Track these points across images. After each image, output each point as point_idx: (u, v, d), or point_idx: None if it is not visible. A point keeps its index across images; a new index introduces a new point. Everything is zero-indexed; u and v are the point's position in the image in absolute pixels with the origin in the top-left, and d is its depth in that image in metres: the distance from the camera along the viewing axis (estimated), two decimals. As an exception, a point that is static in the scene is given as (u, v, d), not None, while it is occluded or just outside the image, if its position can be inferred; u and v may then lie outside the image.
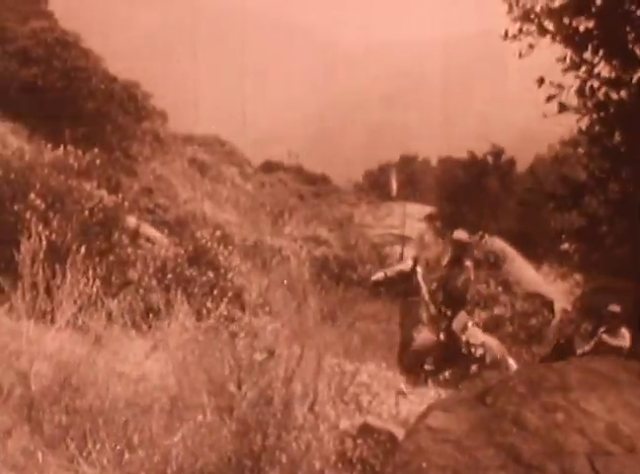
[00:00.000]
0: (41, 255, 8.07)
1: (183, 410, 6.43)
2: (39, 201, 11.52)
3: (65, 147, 14.68)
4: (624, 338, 13.59)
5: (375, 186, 49.27)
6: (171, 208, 23.37)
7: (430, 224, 38.41)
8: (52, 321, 7.50)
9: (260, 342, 7.50)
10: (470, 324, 13.67)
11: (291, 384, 6.42)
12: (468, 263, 13.73)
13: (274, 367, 6.63)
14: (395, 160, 55.88)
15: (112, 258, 11.90)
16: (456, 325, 13.21)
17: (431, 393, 11.31)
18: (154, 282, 11.72)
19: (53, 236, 10.37)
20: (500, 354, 13.33)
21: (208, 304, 8.73)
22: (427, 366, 12.89)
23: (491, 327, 18.33)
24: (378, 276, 13.70)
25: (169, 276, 13.69)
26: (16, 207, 11.36)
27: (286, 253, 22.29)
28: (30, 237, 8.30)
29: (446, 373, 12.71)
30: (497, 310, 20.29)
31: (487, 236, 27.11)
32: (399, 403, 9.03)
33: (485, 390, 6.07)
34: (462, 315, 13.45)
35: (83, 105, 26.96)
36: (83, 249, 10.24)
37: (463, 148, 42.68)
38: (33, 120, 24.35)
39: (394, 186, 18.16)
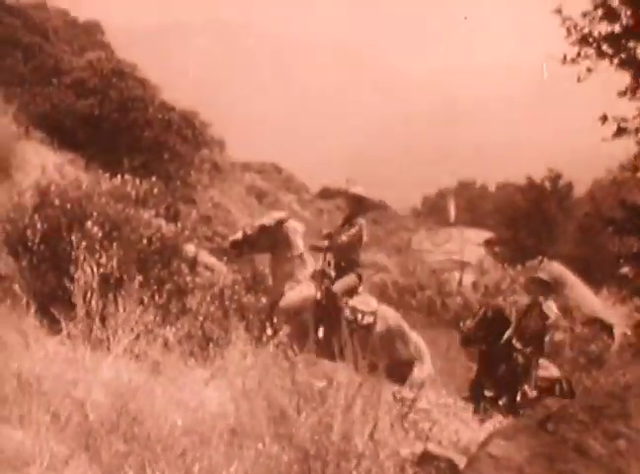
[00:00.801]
0: (97, 283, 8.27)
1: (242, 438, 6.51)
2: (95, 230, 11.72)
3: (123, 176, 14.92)
4: None
5: (434, 211, 49.46)
6: (229, 236, 23.59)
7: (489, 249, 38.42)
8: (109, 349, 7.66)
9: (319, 369, 7.58)
10: (362, 289, 13.09)
11: (351, 411, 6.47)
12: (362, 220, 13.20)
13: (333, 394, 6.69)
14: (453, 185, 55.99)
15: (170, 286, 12.05)
16: (338, 286, 12.60)
17: (492, 420, 11.27)
18: (212, 310, 11.88)
19: (110, 265, 10.57)
20: (395, 325, 12.77)
21: (268, 331, 8.82)
22: (486, 392, 12.71)
23: (551, 353, 18.02)
24: (236, 235, 13.14)
25: (227, 303, 13.88)
26: (73, 237, 11.52)
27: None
28: (85, 266, 8.52)
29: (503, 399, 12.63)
30: (556, 335, 20.08)
31: (546, 261, 26.87)
32: (459, 430, 9.02)
33: (546, 417, 6.05)
34: (350, 278, 12.85)
35: (140, 134, 27.50)
36: (140, 277, 10.50)
37: (522, 173, 42.74)
38: (90, 150, 24.89)
39: (453, 211, 18.00)
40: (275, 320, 10.38)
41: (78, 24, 47.40)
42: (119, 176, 14.97)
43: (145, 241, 12.58)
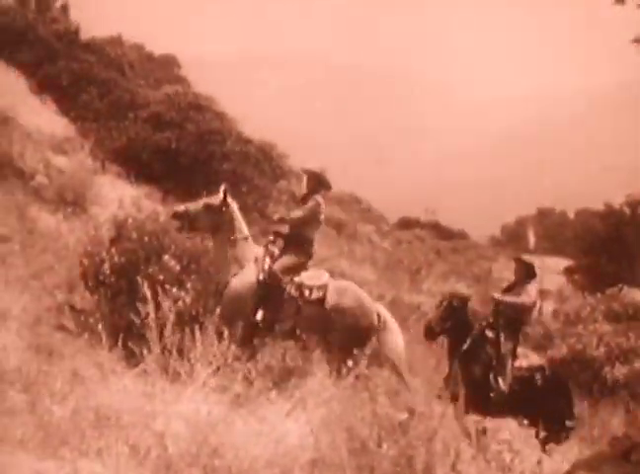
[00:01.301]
0: (174, 317, 8.40)
1: (323, 469, 6.54)
2: (173, 263, 11.84)
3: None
4: None
5: (513, 239, 49.17)
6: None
7: (568, 277, 38.04)
8: (188, 382, 7.74)
9: (400, 400, 7.56)
10: (312, 267, 12.53)
11: (433, 443, 6.45)
12: (318, 197, 12.62)
13: (414, 426, 6.67)
14: (532, 213, 55.62)
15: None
16: (280, 264, 12.18)
17: (574, 450, 11.06)
18: (292, 342, 11.87)
19: (187, 298, 10.69)
20: (351, 295, 12.16)
21: (349, 363, 8.82)
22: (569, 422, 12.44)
23: (633, 382, 17.61)
24: (179, 207, 12.74)
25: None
26: (150, 270, 11.71)
27: (425, 309, 22.19)
28: (162, 299, 8.65)
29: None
30: (637, 364, 19.60)
31: (626, 288, 26.35)
32: (542, 461, 8.88)
33: (629, 447, 5.97)
34: (294, 256, 12.40)
35: (218, 167, 27.82)
36: (218, 310, 10.60)
37: (600, 200, 42.41)
38: (166, 183, 25.26)
39: (532, 239, 17.64)
40: (354, 351, 10.26)
41: (154, 58, 48.27)
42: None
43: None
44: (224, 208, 12.47)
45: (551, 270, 36.93)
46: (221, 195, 12.54)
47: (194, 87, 40.17)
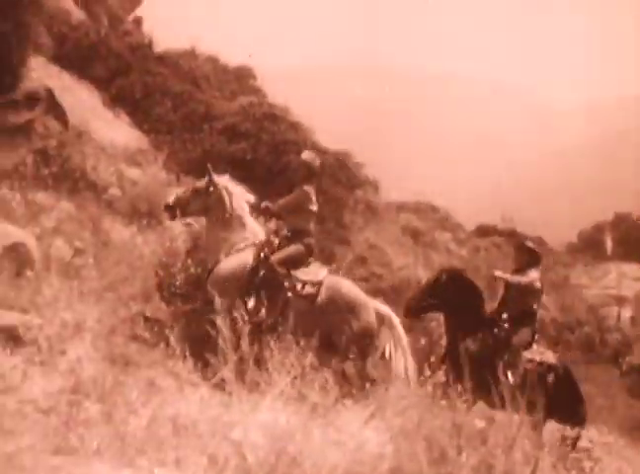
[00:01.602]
0: (248, 327, 8.46)
1: (402, 478, 6.50)
2: (248, 273, 11.90)
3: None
4: None
5: (590, 246, 48.61)
6: (385, 276, 23.72)
7: (646, 283, 37.74)
8: (265, 392, 7.76)
9: (479, 408, 7.50)
10: (314, 264, 12.49)
11: (512, 451, 6.38)
12: (307, 187, 12.68)
13: (494, 434, 6.61)
14: (609, 219, 55.00)
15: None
16: (277, 256, 12.14)
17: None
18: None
19: (263, 309, 10.75)
20: (346, 295, 12.02)
21: (427, 371, 8.79)
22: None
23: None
24: (169, 198, 12.76)
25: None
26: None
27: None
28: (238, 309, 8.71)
29: None
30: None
31: None
32: (622, 468, 8.76)
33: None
34: (293, 248, 12.37)
35: (293, 177, 27.88)
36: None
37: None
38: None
39: (609, 245, 17.32)
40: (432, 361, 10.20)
41: (229, 69, 48.56)
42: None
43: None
44: (211, 189, 12.54)
45: (629, 276, 36.55)
46: (207, 177, 12.66)
47: (269, 98, 40.42)
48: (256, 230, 12.66)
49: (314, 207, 12.69)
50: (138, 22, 49.99)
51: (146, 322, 11.61)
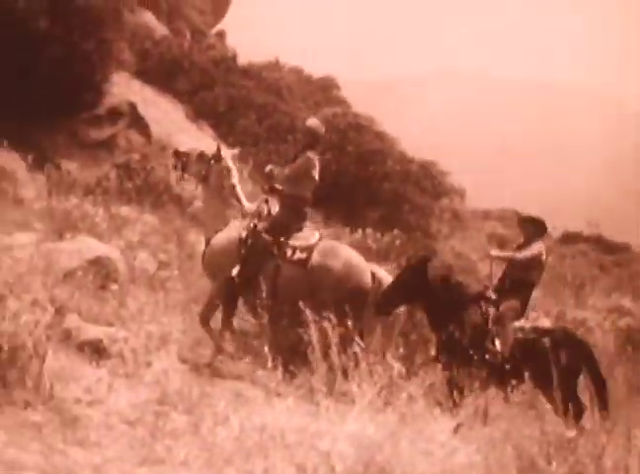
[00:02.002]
0: (337, 337, 8.48)
1: (492, 488, 6.47)
2: (335, 284, 11.91)
3: (364, 230, 15.20)
4: None
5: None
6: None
7: None
8: (353, 402, 7.78)
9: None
10: (307, 229, 12.15)
11: (602, 460, 6.30)
12: (310, 153, 12.19)
13: (583, 443, 6.53)
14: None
15: (414, 336, 12.12)
16: (270, 223, 11.89)
17: None
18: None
19: (348, 320, 10.75)
20: (342, 257, 11.73)
21: (512, 381, 8.72)
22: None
23: None
24: (183, 148, 12.85)
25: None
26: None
27: (590, 324, 21.77)
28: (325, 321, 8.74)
29: None
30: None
31: None
32: None
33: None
34: (279, 214, 12.06)
35: (379, 186, 28.00)
36: (379, 329, 10.62)
37: None
38: (328, 205, 25.49)
39: None
40: None
41: (313, 80, 48.86)
42: (359, 230, 15.24)
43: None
44: (213, 161, 12.39)
45: None
46: (215, 148, 12.54)
47: (353, 108, 40.51)
48: (249, 204, 12.41)
49: (316, 175, 12.30)
50: (221, 35, 50.56)
51: (232, 334, 11.67)
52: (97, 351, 8.81)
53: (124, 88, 25.88)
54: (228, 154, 12.69)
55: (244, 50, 41.73)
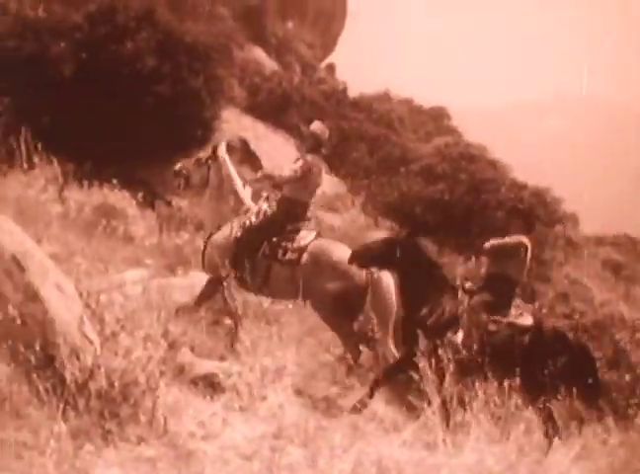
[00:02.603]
0: (453, 369, 8.44)
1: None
2: (448, 313, 11.86)
3: (478, 258, 15.12)
4: None
5: None
6: (587, 313, 23.24)
7: None
8: (470, 433, 7.70)
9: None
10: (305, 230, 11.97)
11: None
12: (309, 157, 12.08)
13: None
14: None
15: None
16: (265, 222, 11.92)
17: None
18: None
19: (463, 350, 10.65)
20: (334, 260, 11.48)
21: (629, 411, 8.54)
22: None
23: None
24: (176, 166, 12.41)
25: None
26: (428, 321, 11.77)
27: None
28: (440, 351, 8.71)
29: None
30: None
31: None
32: None
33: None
34: (271, 214, 12.07)
35: (492, 215, 27.74)
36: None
37: None
38: (441, 235, 25.40)
39: None
40: None
41: (423, 110, 48.82)
42: (473, 258, 15.18)
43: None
44: (211, 162, 12.39)
45: None
46: (210, 149, 12.57)
47: (465, 137, 40.37)
48: (249, 202, 12.42)
49: (319, 179, 12.40)
50: (331, 68, 50.96)
51: (347, 366, 11.65)
52: (211, 385, 8.86)
53: (235, 124, 26.22)
54: (222, 148, 12.65)
55: (354, 82, 42.00)
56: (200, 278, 12.48)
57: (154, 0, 23.34)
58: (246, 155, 12.98)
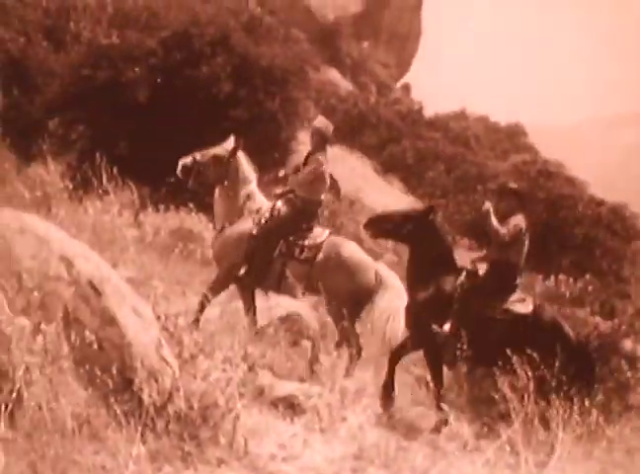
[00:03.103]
0: (533, 386, 8.38)
1: None
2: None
3: (557, 276, 15.04)
4: None
5: None
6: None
7: None
8: (551, 452, 7.63)
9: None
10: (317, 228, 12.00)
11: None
12: (321, 156, 12.00)
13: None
14: None
15: (611, 384, 11.79)
16: (280, 221, 11.85)
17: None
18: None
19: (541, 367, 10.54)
20: (345, 254, 11.59)
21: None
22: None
23: None
24: (186, 160, 12.15)
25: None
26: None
27: None
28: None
29: None
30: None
31: None
32: None
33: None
34: (285, 212, 11.98)
35: (570, 232, 27.51)
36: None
37: None
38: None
39: None
40: None
41: (500, 128, 48.61)
42: (551, 276, 15.08)
43: (583, 339, 12.47)
44: (231, 159, 12.27)
45: None
46: (231, 144, 12.38)
47: (542, 154, 40.10)
48: (262, 199, 12.36)
49: (327, 176, 12.30)
50: (407, 88, 51.02)
51: (426, 386, 11.59)
52: (291, 406, 8.85)
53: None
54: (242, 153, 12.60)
55: (429, 101, 41.96)
56: (277, 301, 12.51)
57: (229, 25, 23.48)
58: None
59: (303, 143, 24.90)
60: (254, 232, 11.93)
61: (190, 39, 22.08)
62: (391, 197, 28.13)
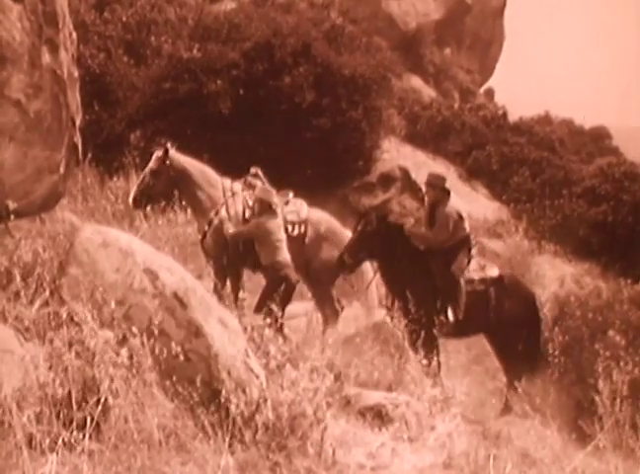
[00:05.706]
0: (626, 391, 8.27)
1: None
2: (618, 338, 11.65)
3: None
4: None
5: None
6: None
7: None
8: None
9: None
10: (291, 197, 12.20)
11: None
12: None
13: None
14: None
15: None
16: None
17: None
18: None
19: (636, 371, 10.42)
20: (326, 228, 12.00)
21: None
22: None
23: None
24: (133, 192, 12.34)
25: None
26: (596, 346, 11.63)
27: None
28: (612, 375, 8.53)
29: None
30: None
31: None
32: None
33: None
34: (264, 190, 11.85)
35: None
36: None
37: None
38: (604, 258, 24.89)
39: None
40: None
41: (584, 131, 47.97)
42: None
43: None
44: (167, 162, 12.07)
45: None
46: (158, 153, 12.20)
47: (627, 157, 39.50)
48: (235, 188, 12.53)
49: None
50: (490, 93, 50.63)
51: (515, 393, 11.50)
52: (379, 415, 8.81)
53: (395, 153, 26.23)
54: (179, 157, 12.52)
55: (513, 106, 41.55)
56: (362, 311, 12.54)
57: (311, 35, 23.58)
58: (407, 185, 13.14)
59: (387, 151, 24.93)
60: (247, 216, 12.06)
61: (272, 49, 22.23)
62: (476, 204, 27.91)
